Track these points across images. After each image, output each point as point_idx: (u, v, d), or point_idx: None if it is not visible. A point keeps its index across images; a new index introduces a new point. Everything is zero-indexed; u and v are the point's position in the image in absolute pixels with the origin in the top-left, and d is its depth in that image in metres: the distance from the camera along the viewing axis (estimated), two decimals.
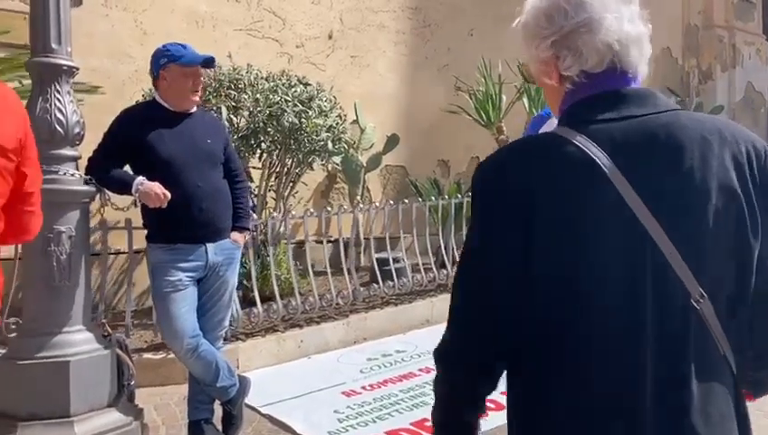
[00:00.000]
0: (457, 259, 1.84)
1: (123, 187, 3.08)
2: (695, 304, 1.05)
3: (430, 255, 6.05)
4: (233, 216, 3.32)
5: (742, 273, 1.10)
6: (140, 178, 3.04)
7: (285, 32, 6.77)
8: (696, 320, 1.06)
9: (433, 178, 7.23)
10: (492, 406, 1.24)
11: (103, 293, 4.54)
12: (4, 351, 3.01)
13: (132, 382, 3.41)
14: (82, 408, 2.84)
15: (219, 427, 3.31)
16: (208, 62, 3.20)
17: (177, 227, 3.11)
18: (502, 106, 7.39)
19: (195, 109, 3.28)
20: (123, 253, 4.79)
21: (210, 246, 3.18)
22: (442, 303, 5.60)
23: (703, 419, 1.05)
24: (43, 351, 2.82)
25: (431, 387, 1.20)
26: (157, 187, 3.01)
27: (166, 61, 3.16)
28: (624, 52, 1.13)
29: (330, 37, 7.11)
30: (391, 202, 5.99)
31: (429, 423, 1.25)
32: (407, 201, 6.01)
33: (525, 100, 7.38)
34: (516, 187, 1.08)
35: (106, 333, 3.47)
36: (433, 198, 6.44)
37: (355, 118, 6.74)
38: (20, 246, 3.37)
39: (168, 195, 3.01)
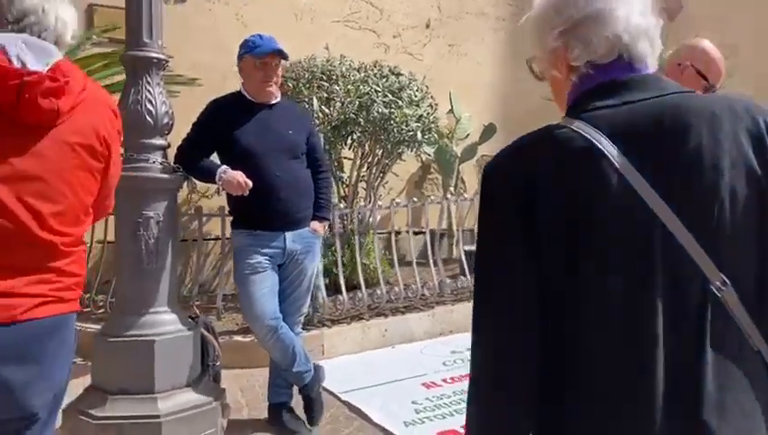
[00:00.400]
0: None
1: (208, 175, 3.20)
2: (716, 292, 0.99)
3: None
4: (314, 205, 3.37)
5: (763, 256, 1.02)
6: (224, 168, 3.16)
7: (382, 22, 6.80)
8: (719, 308, 0.99)
9: None
10: None
11: (199, 277, 4.75)
12: (96, 326, 3.21)
13: (217, 363, 3.55)
14: (166, 385, 2.98)
15: (300, 412, 3.39)
16: (278, 53, 3.24)
17: (257, 214, 3.22)
18: None
19: (278, 99, 3.34)
20: (218, 239, 4.99)
21: (289, 234, 3.26)
22: None
23: (717, 412, 0.98)
24: (131, 329, 2.98)
25: None
26: (239, 175, 3.11)
27: (242, 52, 3.25)
28: (633, 43, 1.10)
29: (427, 26, 7.08)
30: None
31: None
32: None
33: None
34: (518, 183, 1.05)
35: (194, 316, 3.65)
36: None
37: (450, 108, 6.68)
38: (111, 230, 3.57)
39: (250, 183, 3.11)
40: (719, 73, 2.62)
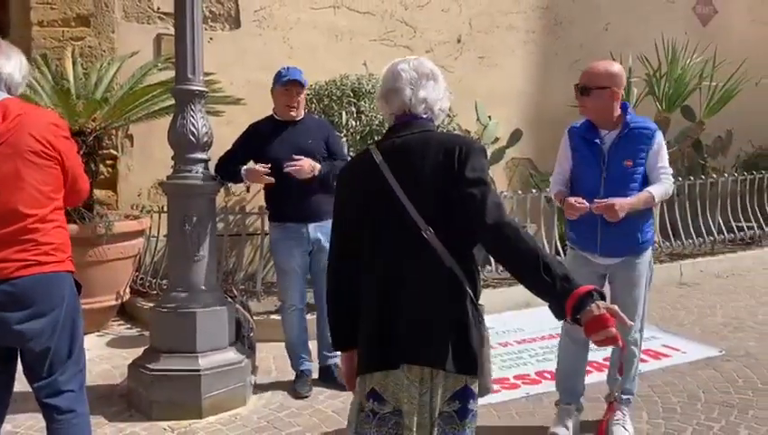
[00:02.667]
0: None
1: (234, 176, 4.06)
2: (424, 234, 1.96)
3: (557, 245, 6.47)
4: None
5: (451, 217, 1.98)
6: (243, 168, 4.00)
7: (416, 39, 7.48)
8: (427, 243, 1.97)
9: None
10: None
11: (241, 265, 5.59)
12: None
13: (252, 334, 4.39)
14: (205, 347, 3.81)
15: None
16: (296, 82, 4.04)
17: (285, 210, 4.05)
18: (631, 100, 7.54)
19: (302, 117, 4.15)
20: (257, 234, 5.83)
21: (311, 225, 4.03)
22: None
23: (413, 299, 2.00)
24: (178, 304, 3.83)
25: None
26: (258, 166, 3.94)
27: (274, 82, 4.08)
28: (413, 106, 2.03)
29: (458, 41, 7.71)
30: (519, 192, 6.58)
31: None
32: (534, 191, 6.54)
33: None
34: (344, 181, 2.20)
35: (232, 296, 4.48)
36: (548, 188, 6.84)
37: (477, 116, 7.30)
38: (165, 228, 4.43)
39: (264, 169, 3.91)
40: (582, 77, 3.26)
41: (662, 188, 3.24)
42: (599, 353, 4.17)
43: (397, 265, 2.00)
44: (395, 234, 2.01)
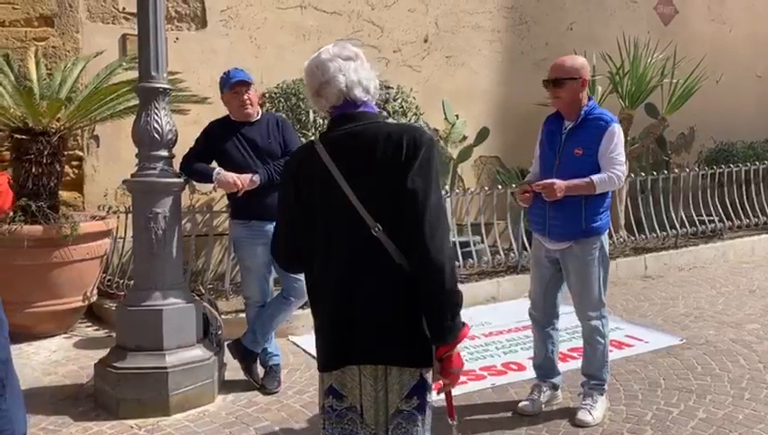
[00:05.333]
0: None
1: (205, 177, 4.04)
2: (374, 232, 1.93)
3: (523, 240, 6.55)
4: None
5: (400, 213, 1.93)
6: (218, 169, 3.99)
7: (383, 39, 7.53)
8: (378, 242, 1.94)
9: (520, 168, 7.69)
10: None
11: (209, 264, 5.59)
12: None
13: (219, 332, 4.38)
14: (172, 344, 3.81)
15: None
16: (242, 82, 4.04)
17: (250, 208, 4.02)
18: (596, 97, 7.65)
19: (258, 116, 4.13)
20: (226, 234, 5.83)
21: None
22: (508, 283, 6.15)
23: (366, 298, 1.96)
24: (144, 301, 3.83)
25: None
26: (231, 176, 3.93)
27: (220, 87, 4.12)
28: (350, 91, 1.97)
29: (425, 41, 7.78)
30: (486, 188, 6.67)
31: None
32: (500, 187, 6.64)
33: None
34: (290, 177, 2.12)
35: (200, 294, 4.48)
36: (514, 184, 6.93)
37: (444, 115, 7.38)
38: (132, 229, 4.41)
39: (244, 181, 3.91)
40: (552, 71, 3.41)
41: (605, 176, 3.34)
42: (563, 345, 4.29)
43: (349, 264, 1.96)
44: (345, 232, 1.96)
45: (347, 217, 1.95)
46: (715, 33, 9.61)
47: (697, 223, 7.66)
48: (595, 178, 3.29)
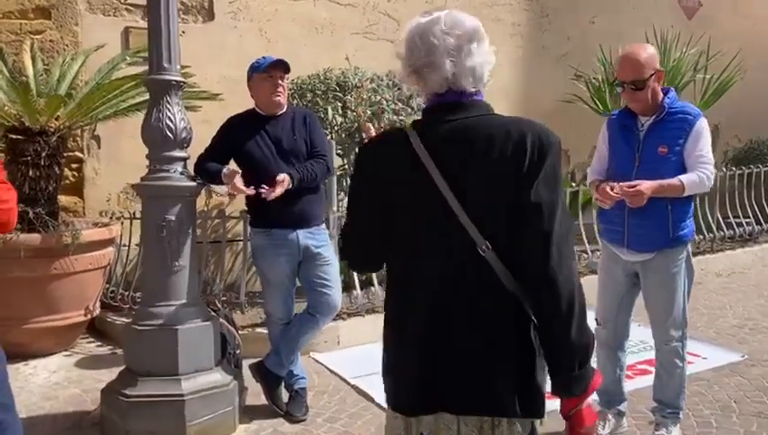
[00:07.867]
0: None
1: (214, 177, 3.58)
2: (480, 251, 1.52)
3: None
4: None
5: (513, 229, 1.52)
6: (226, 168, 3.53)
7: (400, 32, 7.10)
8: (484, 263, 1.52)
9: None
10: None
11: (221, 274, 5.17)
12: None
13: (238, 351, 3.95)
14: (188, 368, 3.38)
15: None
16: (281, 63, 3.57)
17: (270, 214, 3.54)
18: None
19: (284, 109, 3.70)
20: (239, 240, 5.40)
21: (301, 231, 3.59)
22: None
23: (468, 329, 1.55)
24: (156, 319, 3.40)
25: None
26: (236, 178, 3.47)
27: (250, 73, 3.61)
28: (458, 81, 1.54)
29: None
30: None
31: None
32: None
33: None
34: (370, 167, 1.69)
35: (215, 309, 4.05)
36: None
37: None
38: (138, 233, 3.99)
39: (240, 186, 3.45)
40: (628, 70, 2.90)
41: (694, 177, 2.91)
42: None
43: (444, 291, 1.56)
44: (439, 249, 1.56)
45: (442, 229, 1.55)
46: (740, 28, 9.22)
47: (734, 226, 7.26)
48: (684, 178, 2.88)
